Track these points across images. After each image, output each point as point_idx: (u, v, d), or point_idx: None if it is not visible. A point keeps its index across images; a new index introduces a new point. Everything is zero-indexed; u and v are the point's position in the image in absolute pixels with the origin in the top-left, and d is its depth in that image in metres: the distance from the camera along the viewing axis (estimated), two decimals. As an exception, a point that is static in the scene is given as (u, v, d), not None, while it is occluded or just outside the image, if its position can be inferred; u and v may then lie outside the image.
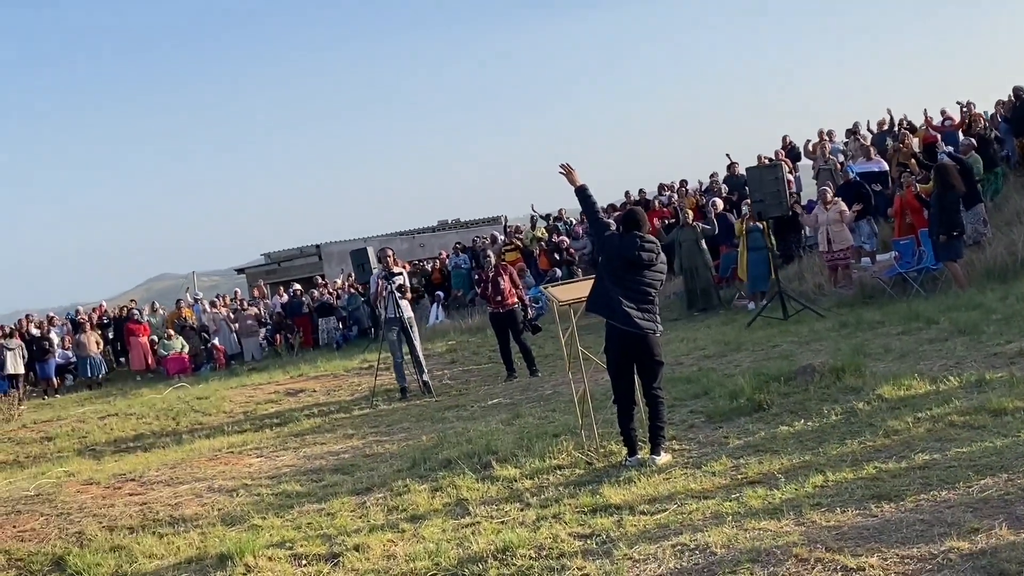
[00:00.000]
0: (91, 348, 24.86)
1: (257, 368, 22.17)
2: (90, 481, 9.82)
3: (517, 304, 14.12)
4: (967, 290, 13.45)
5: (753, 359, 11.30)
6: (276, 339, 26.16)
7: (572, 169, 7.81)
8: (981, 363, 8.73)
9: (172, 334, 25.10)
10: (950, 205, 13.98)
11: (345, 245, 37.59)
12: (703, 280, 18.06)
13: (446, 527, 6.63)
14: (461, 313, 24.02)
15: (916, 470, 6.04)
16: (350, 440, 10.73)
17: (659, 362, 7.56)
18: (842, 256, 16.65)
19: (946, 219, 13.89)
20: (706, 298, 18.00)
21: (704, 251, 18.10)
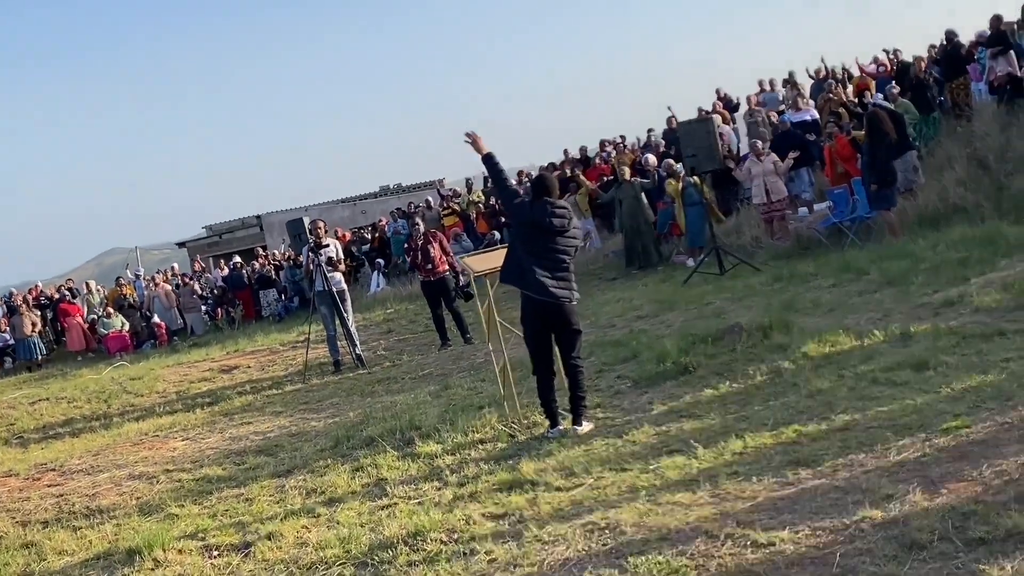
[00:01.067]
0: (27, 330, 24.33)
1: (199, 343, 21.82)
2: (9, 473, 9.58)
3: (448, 271, 13.89)
4: (900, 239, 13.39)
5: (685, 318, 11.18)
6: (218, 313, 25.81)
7: (478, 137, 7.58)
8: (907, 315, 8.65)
9: (112, 312, 24.63)
10: (882, 153, 13.86)
11: (286, 215, 37.09)
12: (645, 237, 17.86)
13: (362, 510, 6.45)
14: (402, 280, 23.71)
15: (836, 432, 5.92)
16: (278, 419, 10.52)
17: (577, 331, 7.38)
18: (778, 208, 16.56)
19: (878, 167, 13.78)
20: (646, 255, 17.82)
21: (645, 207, 17.88)
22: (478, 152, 7.56)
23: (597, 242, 21.01)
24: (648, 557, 4.50)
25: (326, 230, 13.86)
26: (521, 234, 7.38)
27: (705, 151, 14.85)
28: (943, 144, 17.00)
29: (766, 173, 16.45)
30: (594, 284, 17.25)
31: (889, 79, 20.04)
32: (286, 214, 37.16)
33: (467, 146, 7.63)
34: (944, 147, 16.76)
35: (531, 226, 7.25)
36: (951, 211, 14.00)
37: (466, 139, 7.60)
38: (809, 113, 19.93)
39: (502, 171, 7.60)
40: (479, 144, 7.56)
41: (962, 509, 4.33)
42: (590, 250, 20.42)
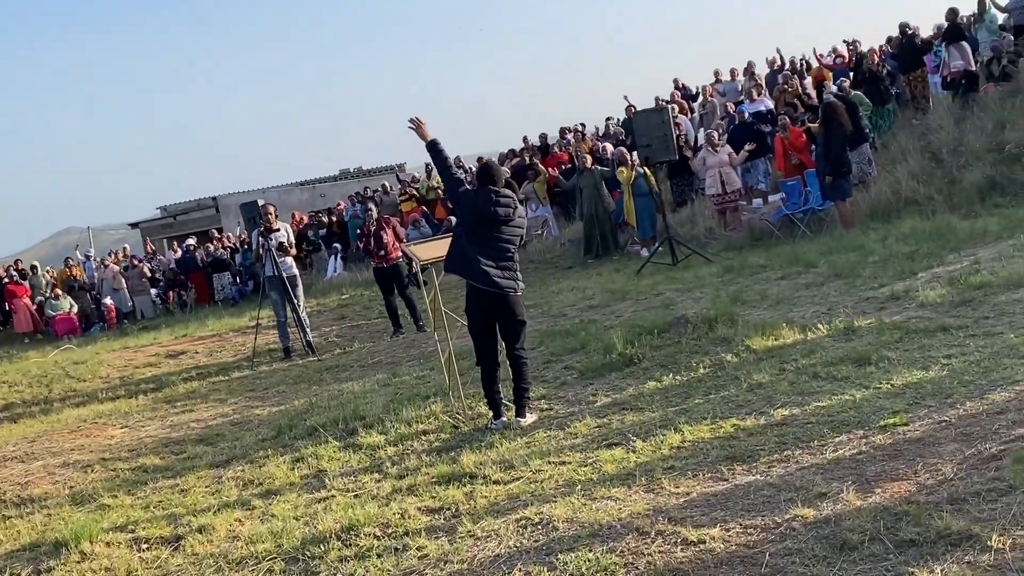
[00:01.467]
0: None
1: (148, 327, 21.57)
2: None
3: (401, 258, 13.75)
4: (852, 231, 13.43)
5: (635, 309, 11.15)
6: (169, 297, 25.51)
7: (422, 123, 7.47)
8: (852, 309, 8.66)
9: (60, 294, 24.29)
10: (836, 144, 13.86)
11: (243, 197, 36.69)
12: (604, 225, 17.80)
13: (299, 503, 6.34)
14: (359, 265, 23.47)
15: (774, 427, 5.89)
16: (222, 406, 10.38)
17: (521, 322, 7.31)
18: (731, 199, 16.58)
19: (833, 158, 13.80)
20: (605, 244, 17.76)
21: (605, 196, 17.82)
22: (423, 139, 7.46)
23: (555, 230, 20.95)
24: (578, 554, 4.44)
25: (277, 214, 13.65)
26: (466, 223, 7.29)
27: (659, 141, 14.81)
28: (898, 137, 17.10)
29: (721, 164, 16.48)
30: (550, 273, 17.22)
31: (847, 71, 20.13)
32: (243, 196, 36.78)
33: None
34: (899, 140, 16.85)
35: (475, 215, 7.17)
36: (903, 204, 14.08)
37: (410, 126, 7.49)
38: (764, 104, 19.97)
39: (447, 159, 7.50)
40: (423, 131, 7.45)
41: (894, 510, 4.29)
42: (548, 238, 20.39)
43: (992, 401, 5.50)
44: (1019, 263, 8.65)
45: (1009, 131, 14.75)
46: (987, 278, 8.36)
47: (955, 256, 9.91)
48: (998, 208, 12.66)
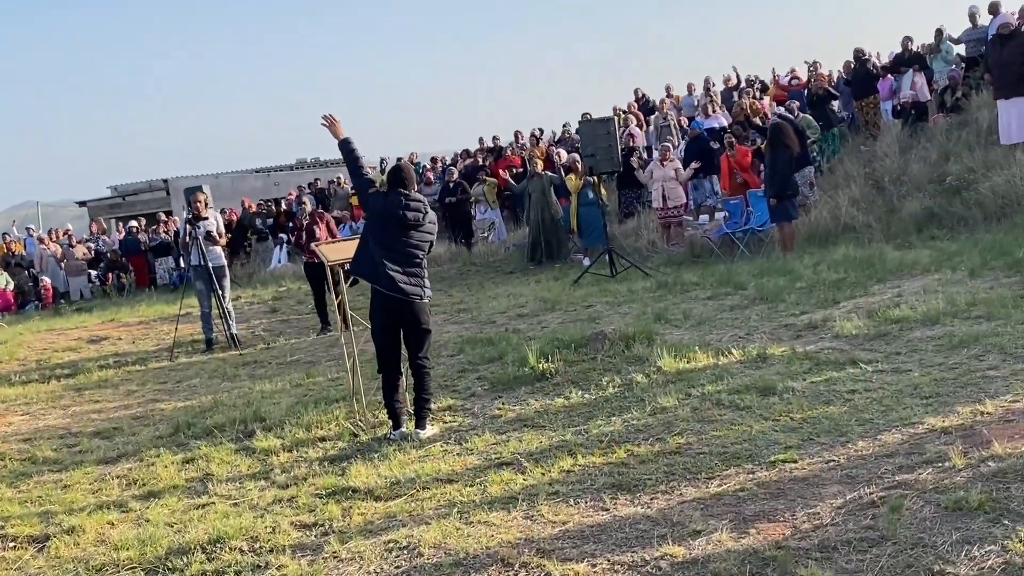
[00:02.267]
0: None
1: (83, 308, 21.23)
2: None
3: (334, 254, 13.50)
4: (790, 254, 13.34)
5: (563, 320, 10.99)
6: (108, 278, 25.06)
7: (336, 120, 7.29)
8: (769, 335, 8.54)
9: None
10: (782, 166, 13.73)
11: (194, 181, 36.21)
12: (550, 232, 17.64)
13: (177, 507, 6.13)
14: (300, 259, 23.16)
15: (666, 455, 5.74)
16: (129, 398, 10.10)
17: (426, 330, 7.12)
18: (675, 214, 16.50)
19: (778, 180, 13.68)
20: (550, 250, 17.61)
21: (553, 202, 17.70)
22: (335, 136, 7.28)
23: (503, 233, 20.80)
24: (439, 584, 4.26)
25: (207, 203, 13.35)
26: (373, 226, 7.11)
27: (604, 151, 14.69)
28: (844, 162, 17.08)
29: (666, 178, 16.38)
30: (490, 276, 17.05)
31: (802, 91, 20.14)
32: (195, 180, 36.30)
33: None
34: (844, 165, 16.83)
35: (383, 218, 6.98)
36: (841, 230, 14.04)
37: (323, 122, 7.29)
38: (718, 120, 19.91)
39: (359, 158, 7.29)
40: (336, 128, 7.26)
41: (764, 554, 4.16)
42: (494, 241, 20.22)
43: (884, 442, 5.38)
44: (939, 299, 8.55)
45: (953, 163, 14.75)
46: (906, 312, 8.26)
47: (880, 287, 9.83)
48: (933, 240, 12.61)
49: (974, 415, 5.58)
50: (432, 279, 16.39)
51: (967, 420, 5.52)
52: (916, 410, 5.87)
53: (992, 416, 5.55)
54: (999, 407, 5.67)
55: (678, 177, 16.45)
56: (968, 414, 5.61)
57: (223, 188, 34.75)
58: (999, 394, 5.91)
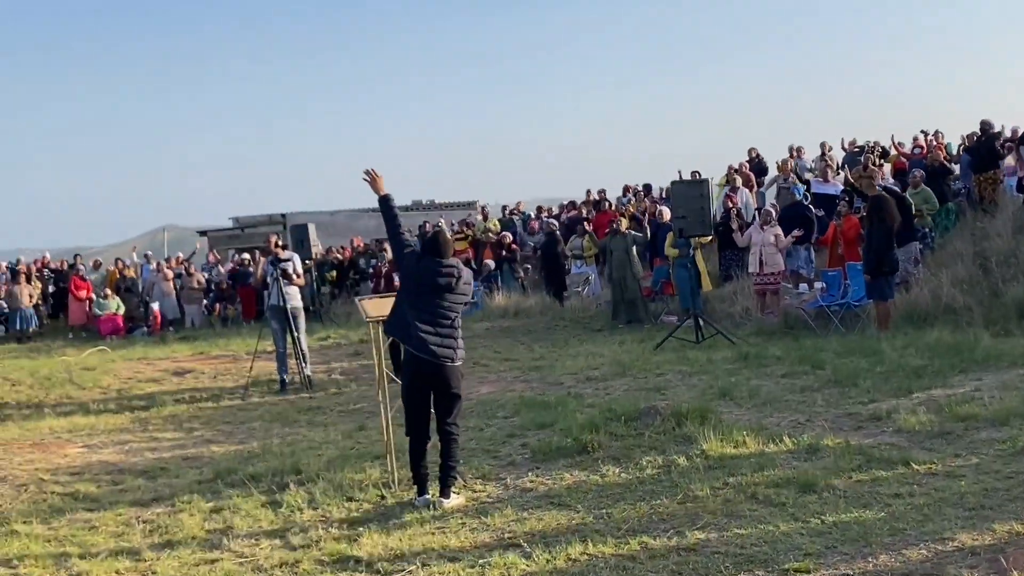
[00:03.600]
0: (24, 300, 24.31)
1: (189, 336, 21.70)
2: None
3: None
4: (884, 333, 12.78)
5: (629, 387, 10.70)
6: (216, 308, 25.57)
7: (377, 176, 7.21)
8: (830, 423, 8.12)
9: (109, 293, 24.52)
10: (879, 241, 13.18)
11: (311, 216, 36.86)
12: (630, 292, 17.39)
13: (189, 561, 6.07)
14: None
15: (679, 552, 5.43)
16: (188, 436, 10.18)
17: (456, 395, 6.94)
18: (771, 281, 16.01)
19: (873, 256, 13.16)
20: (631, 311, 17.34)
21: (634, 261, 17.40)
22: (376, 192, 7.20)
23: (597, 289, 20.52)
24: None
25: (284, 244, 13.51)
26: (407, 286, 7.00)
27: (696, 214, 14.38)
28: (955, 239, 16.35)
29: (765, 243, 15.93)
30: (576, 333, 16.80)
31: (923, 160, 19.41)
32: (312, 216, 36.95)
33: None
34: (955, 242, 16.12)
35: (417, 280, 6.86)
36: (941, 311, 13.41)
37: (364, 178, 7.23)
38: (835, 187, 19.31)
39: (396, 216, 7.19)
40: (378, 184, 7.19)
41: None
42: (588, 296, 19.96)
43: (907, 558, 5.00)
44: (1015, 397, 8.03)
45: (1068, 248, 14.01)
46: (975, 410, 7.77)
47: (961, 378, 9.29)
48: (1033, 330, 11.95)
49: (1010, 535, 5.14)
50: (519, 332, 16.71)
51: (1000, 540, 5.08)
52: (954, 523, 5.46)
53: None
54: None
55: (777, 243, 15.98)
56: (1004, 533, 5.18)
57: (338, 226, 35.37)
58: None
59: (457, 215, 31.41)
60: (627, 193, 24.60)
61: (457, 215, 31.41)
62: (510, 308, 19.28)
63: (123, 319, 24.11)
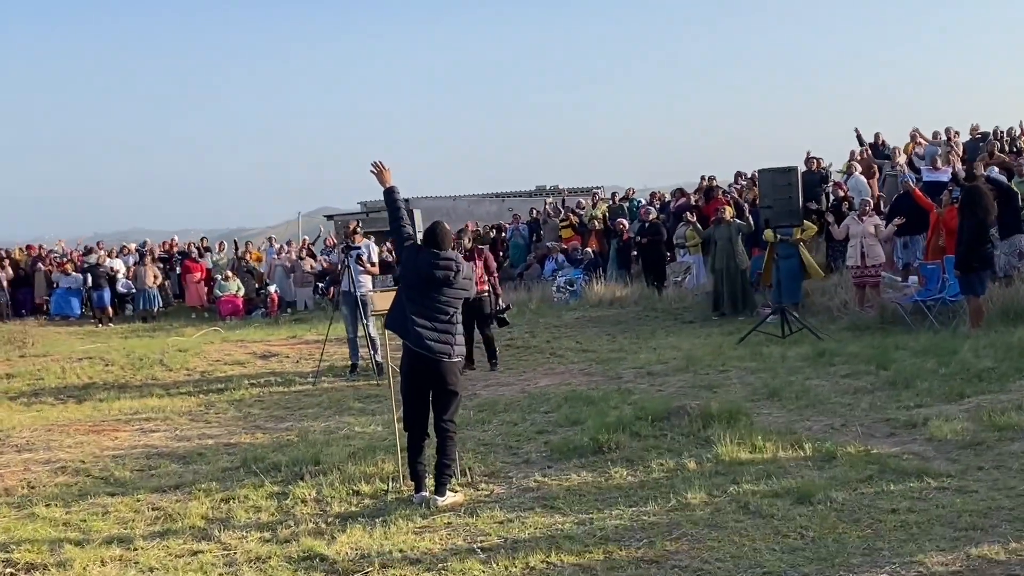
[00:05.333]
0: (148, 281, 25.23)
1: (300, 319, 22.23)
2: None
3: (487, 292, 13.26)
4: (978, 330, 12.12)
5: (683, 384, 10.41)
6: (330, 292, 26.01)
7: (384, 168, 7.17)
8: (864, 429, 7.73)
9: (229, 276, 25.24)
10: (971, 234, 12.46)
11: (434, 202, 37.31)
12: (734, 283, 16.92)
13: (174, 551, 6.13)
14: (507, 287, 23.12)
15: (642, 563, 5.23)
16: (241, 422, 10.32)
17: (452, 392, 6.84)
18: (871, 274, 15.37)
19: (963, 249, 12.49)
20: (733, 302, 16.88)
21: (739, 252, 16.91)
22: (381, 184, 7.15)
23: (700, 278, 20.07)
24: None
25: (359, 230, 13.62)
26: (406, 279, 6.94)
27: (783, 204, 13.88)
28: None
29: (864, 235, 15.31)
30: (666, 325, 16.48)
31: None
32: (434, 201, 37.36)
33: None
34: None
35: (415, 273, 6.78)
36: (1040, 308, 12.62)
37: (371, 170, 7.18)
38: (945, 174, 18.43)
39: (400, 208, 7.12)
40: (384, 176, 7.16)
41: None
42: (689, 286, 19.55)
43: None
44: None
45: None
46: (1017, 419, 7.27)
47: (1022, 384, 8.71)
48: None
49: (982, 561, 4.77)
50: (608, 322, 16.51)
51: (968, 567, 4.72)
52: (936, 544, 5.12)
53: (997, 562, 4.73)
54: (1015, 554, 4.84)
55: (877, 234, 15.33)
56: (977, 559, 4.81)
57: (459, 211, 35.54)
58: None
59: (578, 199, 31.14)
60: (738, 180, 23.98)
61: (578, 199, 31.14)
62: (606, 297, 19.03)
63: (243, 301, 24.75)
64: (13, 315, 25.46)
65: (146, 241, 28.99)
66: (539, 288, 21.67)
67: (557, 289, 20.94)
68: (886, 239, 15.70)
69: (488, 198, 37.74)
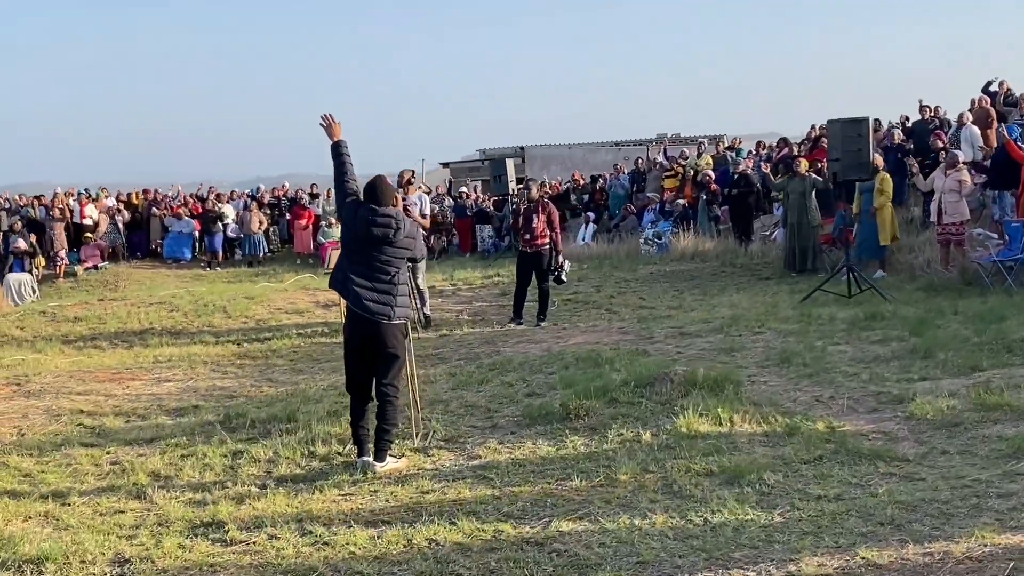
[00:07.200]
0: (253, 227, 25.73)
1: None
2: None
3: (547, 246, 12.92)
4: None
5: (706, 346, 9.95)
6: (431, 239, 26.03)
7: (335, 122, 6.92)
8: (851, 402, 7.23)
9: (333, 222, 25.48)
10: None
11: (549, 150, 36.98)
12: (805, 239, 16.18)
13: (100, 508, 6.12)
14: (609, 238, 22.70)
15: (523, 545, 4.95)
16: (259, 374, 10.35)
17: (392, 355, 6.60)
18: (954, 232, 14.46)
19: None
20: (803, 260, 16.16)
21: (812, 207, 16.16)
22: (331, 138, 6.91)
23: (783, 235, 19.29)
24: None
25: (413, 181, 13.40)
26: (345, 237, 6.73)
27: (852, 156, 13.14)
28: None
29: (946, 189, 14.39)
30: (741, 281, 15.91)
31: None
32: (550, 149, 37.03)
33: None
34: None
35: (353, 230, 6.56)
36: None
37: (321, 123, 6.95)
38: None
39: (345, 163, 6.86)
40: (334, 129, 6.92)
41: None
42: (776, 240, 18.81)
43: None
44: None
45: None
46: (1011, 399, 6.65)
47: (1048, 359, 8.02)
48: None
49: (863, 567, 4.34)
50: (681, 277, 16.01)
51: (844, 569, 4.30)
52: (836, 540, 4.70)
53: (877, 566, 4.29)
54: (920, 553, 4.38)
55: (962, 190, 14.38)
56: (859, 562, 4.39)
57: (575, 159, 35.12)
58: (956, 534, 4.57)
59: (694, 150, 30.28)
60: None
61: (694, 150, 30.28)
62: (690, 251, 18.48)
63: (344, 247, 24.98)
64: (130, 257, 26.34)
65: (259, 187, 29.53)
66: (630, 240, 21.22)
67: (644, 241, 20.46)
68: (967, 194, 14.69)
69: (605, 146, 37.11)
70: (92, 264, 24.57)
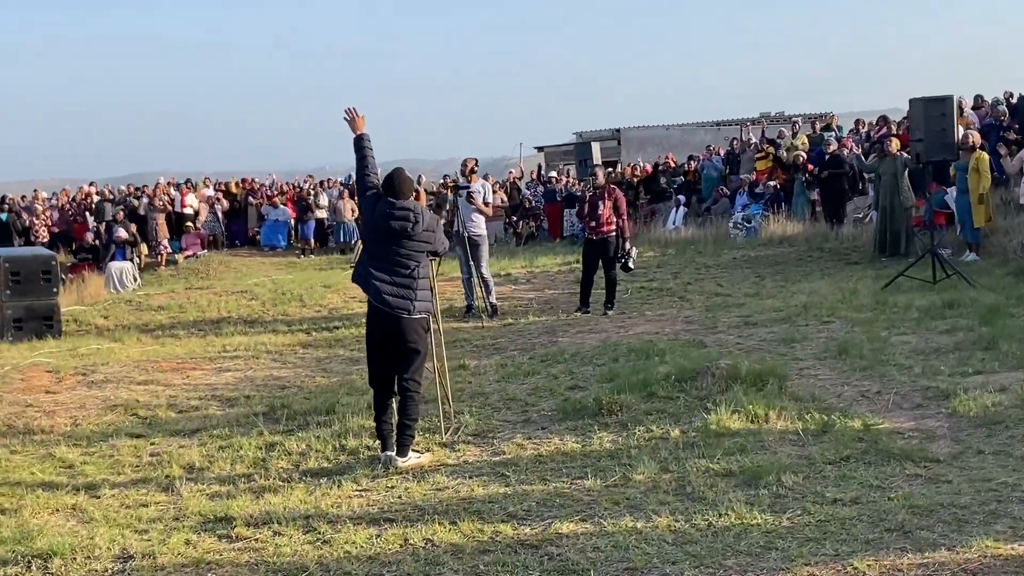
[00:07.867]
0: (346, 215, 25.98)
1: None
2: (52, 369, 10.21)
3: (614, 233, 12.69)
4: None
5: (767, 337, 9.66)
6: (519, 225, 25.95)
7: (358, 115, 6.85)
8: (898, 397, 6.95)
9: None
10: None
11: (645, 132, 36.50)
12: (897, 222, 15.59)
13: (127, 502, 6.17)
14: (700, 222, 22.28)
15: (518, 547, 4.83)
16: (317, 364, 10.39)
17: (414, 350, 6.52)
18: (1044, 212, 13.83)
19: None
20: (895, 244, 15.58)
21: (905, 188, 15.55)
22: (354, 131, 6.86)
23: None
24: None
25: (476, 169, 13.30)
26: (366, 231, 6.68)
27: (936, 136, 12.62)
28: None
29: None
30: (827, 266, 15.44)
31: None
32: (646, 131, 36.55)
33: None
34: None
35: (372, 224, 6.51)
36: None
37: (345, 116, 6.89)
38: None
39: (366, 156, 6.79)
40: (356, 123, 6.85)
41: None
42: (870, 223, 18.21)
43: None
44: None
45: None
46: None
47: None
48: None
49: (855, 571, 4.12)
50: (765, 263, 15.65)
51: None
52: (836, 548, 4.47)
53: None
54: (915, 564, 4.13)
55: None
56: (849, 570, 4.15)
57: (672, 141, 34.54)
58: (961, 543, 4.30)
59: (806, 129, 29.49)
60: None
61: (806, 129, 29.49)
62: (777, 236, 18.04)
63: (435, 233, 25.09)
64: (229, 245, 26.88)
65: (351, 175, 29.78)
66: (720, 224, 20.81)
67: (734, 225, 20.06)
68: (1015, 172, 13.98)
69: (705, 126, 36.46)
70: (192, 252, 25.12)
